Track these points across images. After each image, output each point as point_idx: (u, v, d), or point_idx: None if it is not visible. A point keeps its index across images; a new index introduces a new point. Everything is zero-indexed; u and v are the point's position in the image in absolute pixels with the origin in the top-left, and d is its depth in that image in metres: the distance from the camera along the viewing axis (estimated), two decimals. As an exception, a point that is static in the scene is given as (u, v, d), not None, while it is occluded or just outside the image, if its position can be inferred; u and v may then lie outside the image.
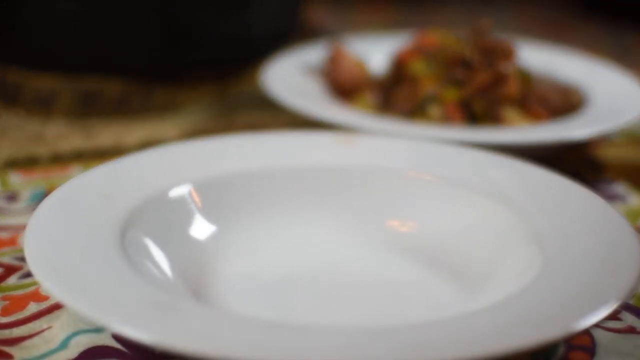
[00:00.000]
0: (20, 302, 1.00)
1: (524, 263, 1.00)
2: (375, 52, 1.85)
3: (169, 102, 1.75)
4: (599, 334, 0.96)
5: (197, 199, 1.15)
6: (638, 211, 1.32)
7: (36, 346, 0.91)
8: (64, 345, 0.91)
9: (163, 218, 1.10)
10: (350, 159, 1.23)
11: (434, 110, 1.55)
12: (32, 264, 0.88)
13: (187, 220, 1.13)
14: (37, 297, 1.02)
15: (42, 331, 0.94)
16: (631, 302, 1.04)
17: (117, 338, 0.92)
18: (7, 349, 0.91)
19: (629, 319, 1.00)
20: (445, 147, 1.26)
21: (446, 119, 1.53)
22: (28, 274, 1.07)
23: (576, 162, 1.52)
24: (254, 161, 1.21)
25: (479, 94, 1.56)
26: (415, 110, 1.56)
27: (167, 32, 1.73)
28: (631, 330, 0.98)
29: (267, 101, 1.59)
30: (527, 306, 0.85)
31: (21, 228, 1.19)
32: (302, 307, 1.00)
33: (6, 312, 0.98)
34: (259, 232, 1.14)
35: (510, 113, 1.55)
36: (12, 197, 1.30)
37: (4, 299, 1.01)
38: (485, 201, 1.12)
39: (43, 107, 1.68)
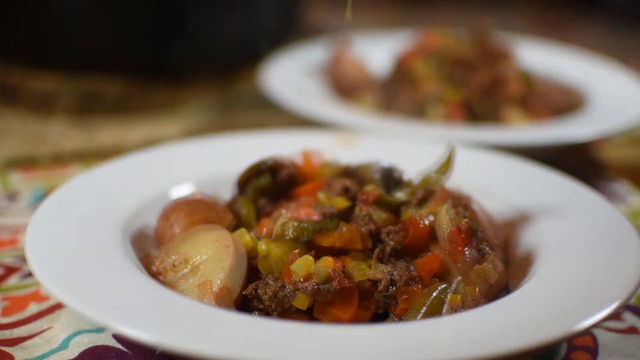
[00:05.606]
0: (20, 303, 1.00)
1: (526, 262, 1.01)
2: (376, 51, 1.85)
3: (169, 101, 1.75)
4: (601, 335, 0.96)
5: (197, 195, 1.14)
6: (639, 211, 1.32)
7: (37, 346, 0.91)
8: (64, 345, 0.91)
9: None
10: (349, 157, 1.23)
11: (436, 110, 1.54)
12: (33, 265, 0.87)
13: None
14: (38, 297, 1.01)
15: (43, 331, 0.94)
16: (632, 302, 1.03)
17: (118, 338, 0.92)
18: (7, 349, 0.91)
19: (630, 319, 1.00)
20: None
21: (448, 119, 1.53)
22: (28, 274, 1.07)
23: (577, 162, 1.51)
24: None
25: (479, 94, 1.56)
26: (416, 110, 1.56)
27: (167, 31, 1.73)
28: (633, 330, 0.97)
29: (267, 101, 1.59)
30: (529, 306, 0.84)
31: (21, 228, 1.19)
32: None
33: (7, 312, 0.98)
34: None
35: (511, 113, 1.55)
36: (12, 197, 1.30)
37: (5, 299, 1.01)
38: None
39: (43, 107, 1.68)
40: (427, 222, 0.95)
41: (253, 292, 0.90)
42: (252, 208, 1.04)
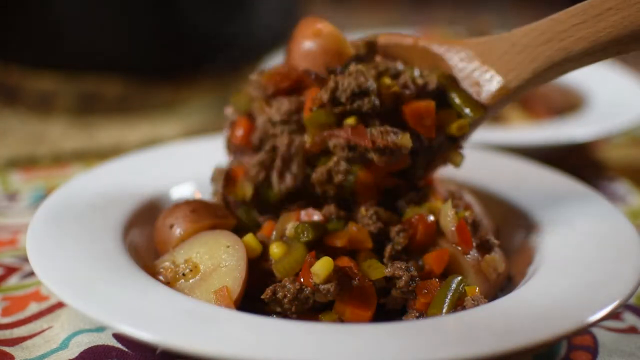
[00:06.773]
0: (20, 303, 1.00)
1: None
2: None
3: (169, 101, 1.75)
4: (601, 334, 0.96)
5: (197, 198, 1.14)
6: (639, 211, 1.32)
7: (37, 346, 0.91)
8: (64, 345, 0.91)
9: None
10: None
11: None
12: (34, 264, 0.87)
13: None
14: (38, 297, 1.01)
15: (43, 331, 0.94)
16: (632, 302, 1.03)
17: (118, 337, 0.92)
18: (7, 349, 0.91)
19: (630, 319, 1.00)
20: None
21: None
22: (28, 274, 1.07)
23: (577, 162, 1.52)
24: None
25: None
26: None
27: (167, 32, 1.73)
28: (633, 330, 0.97)
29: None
30: (529, 305, 0.85)
31: (21, 228, 1.19)
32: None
33: (7, 312, 0.98)
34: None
35: (511, 113, 1.55)
36: (12, 197, 1.30)
37: (5, 299, 1.01)
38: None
39: (43, 107, 1.68)
40: (432, 219, 0.96)
41: (272, 296, 0.90)
42: (250, 210, 1.04)
